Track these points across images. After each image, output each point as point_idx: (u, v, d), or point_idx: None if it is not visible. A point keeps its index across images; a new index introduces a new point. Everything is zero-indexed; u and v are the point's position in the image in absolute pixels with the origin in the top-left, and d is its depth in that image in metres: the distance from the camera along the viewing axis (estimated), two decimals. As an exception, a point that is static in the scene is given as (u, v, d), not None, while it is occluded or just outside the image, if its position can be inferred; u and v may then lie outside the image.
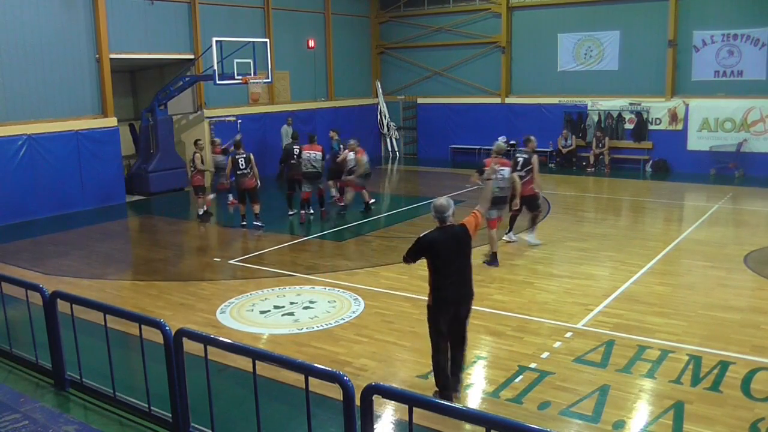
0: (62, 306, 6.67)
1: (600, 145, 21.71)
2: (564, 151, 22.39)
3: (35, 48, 16.10)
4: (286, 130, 20.51)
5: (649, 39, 21.22)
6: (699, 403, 6.40)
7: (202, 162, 15.55)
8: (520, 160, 12.24)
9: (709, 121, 20.51)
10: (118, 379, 6.38)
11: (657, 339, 7.96)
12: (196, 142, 16.25)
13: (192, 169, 15.79)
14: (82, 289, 10.33)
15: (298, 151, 15.31)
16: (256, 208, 14.59)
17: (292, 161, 15.47)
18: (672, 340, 7.93)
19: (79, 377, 6.71)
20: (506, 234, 12.80)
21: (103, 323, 6.28)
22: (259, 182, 14.58)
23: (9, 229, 15.05)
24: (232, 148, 15.21)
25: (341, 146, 17.03)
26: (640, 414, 6.32)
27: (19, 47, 15.80)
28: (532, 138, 12.73)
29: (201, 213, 15.67)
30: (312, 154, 15.05)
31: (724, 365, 7.19)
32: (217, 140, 16.91)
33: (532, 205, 12.45)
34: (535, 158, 12.23)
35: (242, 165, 14.29)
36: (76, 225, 15.51)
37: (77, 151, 16.93)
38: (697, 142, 20.74)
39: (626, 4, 21.56)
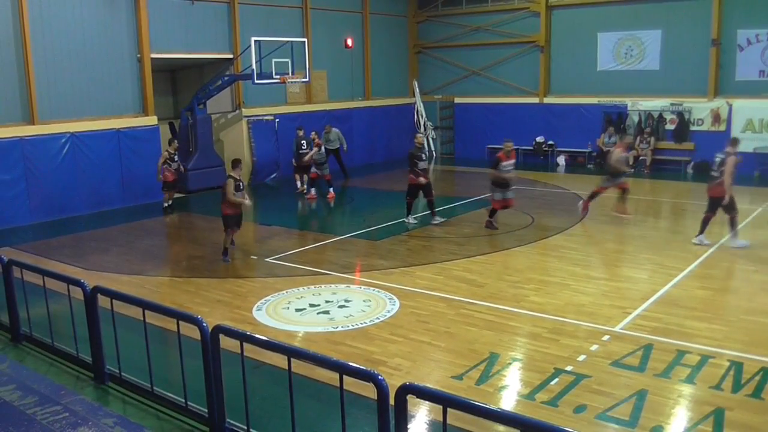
0: (102, 301, 6.79)
1: (645, 144, 21.37)
2: (605, 149, 22.04)
3: (78, 48, 16.43)
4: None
5: (692, 38, 20.82)
6: (740, 410, 6.26)
7: (171, 159, 16.49)
8: (717, 159, 12.08)
9: (754, 122, 20.05)
10: (155, 373, 6.47)
11: (697, 344, 7.81)
12: (171, 141, 17.04)
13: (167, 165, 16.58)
14: (122, 284, 10.48)
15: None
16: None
17: (417, 167, 14.22)
18: (712, 345, 7.77)
19: (118, 371, 6.83)
20: (696, 237, 12.33)
21: (141, 318, 6.37)
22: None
23: (52, 225, 15.39)
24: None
25: (303, 142, 18.42)
26: (679, 420, 6.20)
27: (62, 47, 16.14)
28: (737, 139, 12.50)
29: (165, 206, 16.86)
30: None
31: (766, 372, 7.02)
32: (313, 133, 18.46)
33: (725, 207, 11.99)
34: (731, 160, 11.83)
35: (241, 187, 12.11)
36: (116, 222, 15.79)
37: (118, 149, 17.24)
38: (741, 143, 20.23)
39: (668, 2, 21.17)
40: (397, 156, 25.58)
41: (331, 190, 18.18)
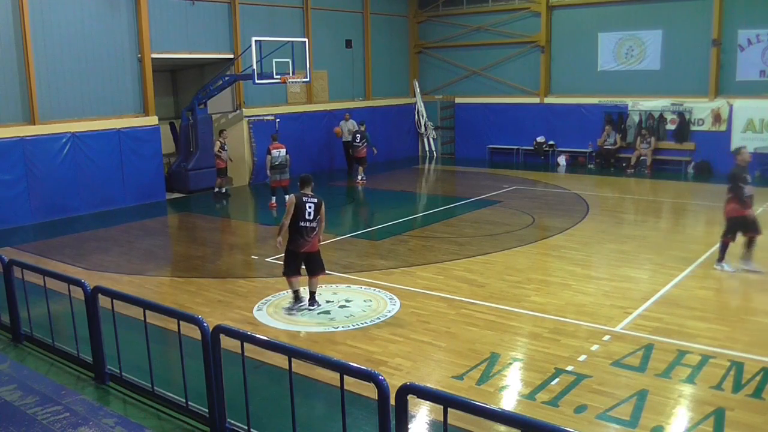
0: (103, 301, 6.79)
1: (646, 144, 21.36)
2: (610, 148, 22.02)
3: (79, 48, 16.42)
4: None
5: (693, 38, 20.81)
6: (740, 410, 6.26)
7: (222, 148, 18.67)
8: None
9: (754, 122, 20.04)
10: (156, 373, 6.47)
11: (698, 344, 7.81)
12: (221, 132, 19.11)
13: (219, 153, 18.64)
14: (123, 284, 10.49)
15: None
16: None
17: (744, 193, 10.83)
18: (713, 346, 7.77)
19: (118, 371, 6.82)
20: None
21: (142, 318, 6.37)
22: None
23: (52, 225, 15.39)
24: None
25: (357, 135, 20.59)
26: (679, 420, 6.20)
27: (63, 47, 16.13)
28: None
29: (224, 191, 18.84)
30: None
31: (767, 372, 7.02)
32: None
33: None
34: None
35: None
36: (117, 222, 15.79)
37: (119, 149, 17.23)
38: (741, 143, 20.16)
39: (669, 2, 21.16)
40: (398, 156, 25.62)
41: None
